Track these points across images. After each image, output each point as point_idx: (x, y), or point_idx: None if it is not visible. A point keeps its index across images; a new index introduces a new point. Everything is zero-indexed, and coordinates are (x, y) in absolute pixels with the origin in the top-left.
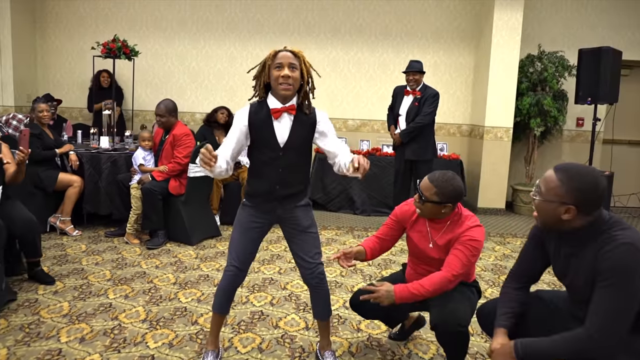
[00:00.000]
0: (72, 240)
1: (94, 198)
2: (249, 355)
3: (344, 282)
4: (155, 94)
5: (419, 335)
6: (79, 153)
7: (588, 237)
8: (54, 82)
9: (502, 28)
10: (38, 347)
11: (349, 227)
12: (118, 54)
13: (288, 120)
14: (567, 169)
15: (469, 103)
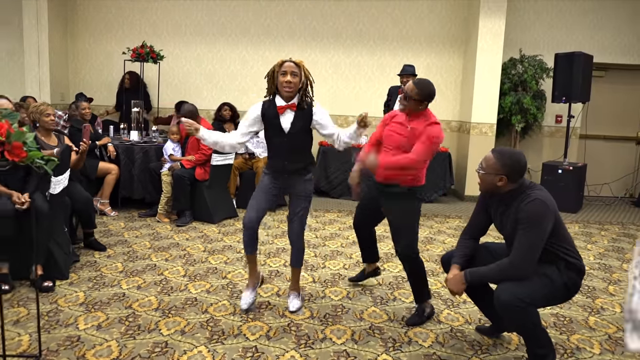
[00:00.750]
0: (111, 220)
1: (129, 184)
2: (257, 342)
3: (347, 274)
4: (175, 93)
5: (403, 286)
6: (115, 145)
7: (513, 197)
8: (83, 82)
9: (487, 34)
10: (106, 292)
11: (349, 211)
12: (146, 58)
13: (291, 114)
14: (500, 151)
15: (458, 101)
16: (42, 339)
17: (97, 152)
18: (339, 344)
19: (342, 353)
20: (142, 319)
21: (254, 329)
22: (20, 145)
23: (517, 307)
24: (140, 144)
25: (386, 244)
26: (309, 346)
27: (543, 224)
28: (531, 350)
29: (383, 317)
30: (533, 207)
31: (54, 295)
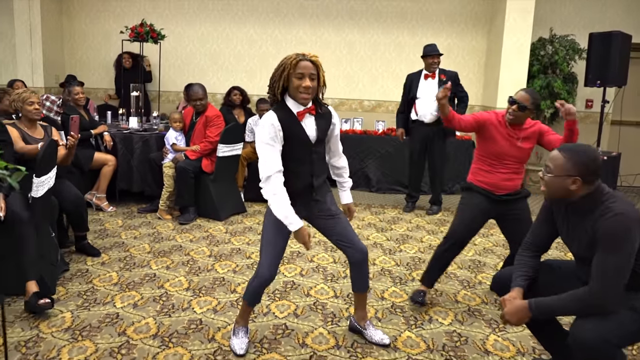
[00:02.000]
0: (108, 216)
1: (127, 176)
2: (286, 319)
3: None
4: (177, 75)
5: (438, 303)
6: (112, 133)
7: (589, 207)
8: (80, 63)
9: (515, 11)
10: (97, 312)
11: (366, 204)
12: (146, 38)
13: (311, 119)
14: (569, 148)
15: (481, 85)
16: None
17: (92, 141)
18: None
19: None
20: (137, 351)
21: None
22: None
23: (601, 349)
24: (140, 132)
25: (401, 225)
26: (335, 324)
27: (630, 244)
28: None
29: (404, 297)
30: (616, 223)
31: (34, 319)
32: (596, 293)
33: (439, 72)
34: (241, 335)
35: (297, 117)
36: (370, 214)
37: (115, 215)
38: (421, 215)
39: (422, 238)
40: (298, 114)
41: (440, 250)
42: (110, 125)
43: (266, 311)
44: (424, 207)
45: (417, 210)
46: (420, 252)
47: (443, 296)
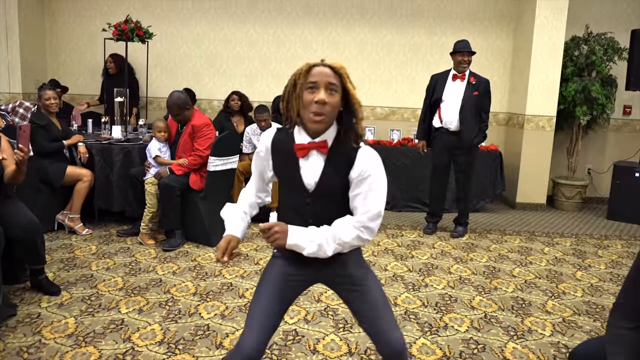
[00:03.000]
0: (81, 240)
1: (106, 193)
2: (297, 325)
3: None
4: (170, 79)
5: (453, 310)
6: (89, 144)
7: None
8: (64, 66)
9: (546, 8)
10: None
11: (382, 225)
12: (131, 37)
13: (319, 159)
14: None
15: (507, 90)
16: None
17: (66, 153)
18: None
19: None
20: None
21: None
22: None
23: None
24: (121, 143)
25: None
26: (347, 330)
27: None
28: None
29: (417, 303)
30: None
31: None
32: None
33: (469, 75)
34: None
35: (294, 152)
36: (387, 236)
37: (90, 239)
38: (445, 238)
39: (450, 268)
40: (296, 148)
41: None
42: (90, 135)
43: None
44: (447, 227)
45: (440, 232)
46: (450, 288)
47: (458, 302)
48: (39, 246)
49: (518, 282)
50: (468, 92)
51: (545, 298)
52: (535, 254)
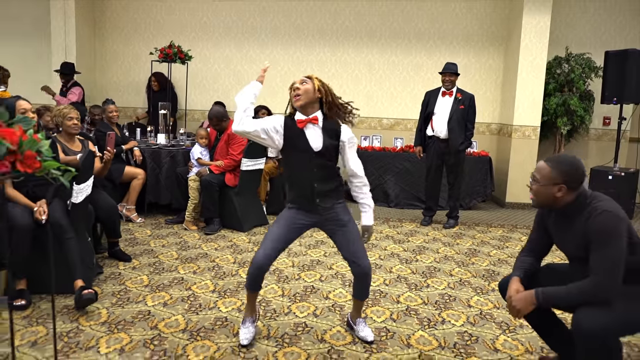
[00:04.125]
0: (137, 227)
1: (155, 189)
2: (306, 319)
3: (383, 264)
4: (203, 94)
5: (451, 307)
6: (142, 149)
7: (577, 210)
8: (111, 83)
9: (531, 31)
10: (130, 309)
11: (385, 218)
12: (174, 59)
13: (316, 129)
14: (554, 158)
15: (498, 103)
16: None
17: (123, 156)
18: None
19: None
20: (168, 342)
21: (302, 309)
22: (33, 155)
23: (601, 337)
24: (168, 148)
25: (418, 238)
26: None
27: (620, 237)
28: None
29: (418, 301)
30: (606, 220)
31: (74, 313)
32: (598, 284)
33: (457, 91)
34: (247, 324)
35: (298, 125)
36: (389, 227)
37: (144, 225)
38: (438, 228)
39: (439, 249)
40: (298, 122)
41: None
42: (139, 141)
43: (287, 311)
44: (442, 221)
45: (435, 224)
46: (436, 262)
47: (440, 272)
48: (117, 224)
49: (492, 260)
50: (455, 106)
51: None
52: (513, 241)
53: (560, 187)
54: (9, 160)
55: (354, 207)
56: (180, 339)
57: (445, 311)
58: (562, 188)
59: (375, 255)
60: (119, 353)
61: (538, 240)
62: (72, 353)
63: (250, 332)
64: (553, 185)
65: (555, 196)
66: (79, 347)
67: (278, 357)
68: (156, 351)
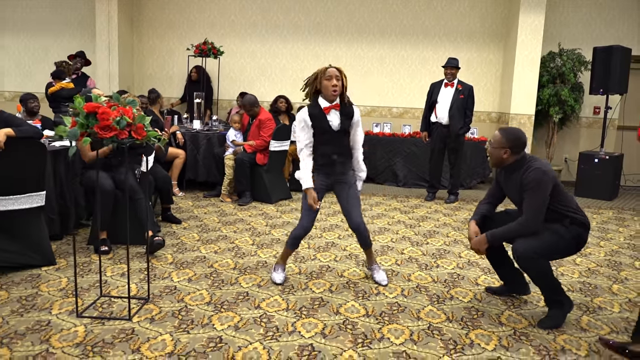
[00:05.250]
0: (179, 199)
1: (194, 167)
2: (322, 294)
3: (395, 246)
4: (231, 85)
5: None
6: (183, 132)
7: (516, 168)
8: (147, 76)
9: (527, 29)
10: (189, 255)
11: (393, 195)
12: (208, 54)
13: (336, 113)
14: (505, 129)
15: (497, 94)
16: (146, 287)
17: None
18: (391, 297)
19: (392, 306)
20: (224, 275)
21: (318, 285)
22: (142, 126)
23: (531, 257)
24: (204, 132)
25: (422, 210)
26: (365, 298)
27: (543, 188)
28: (548, 298)
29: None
30: (534, 174)
31: (144, 257)
32: (526, 221)
33: (457, 83)
34: (279, 271)
35: (324, 112)
36: (396, 202)
37: (185, 198)
38: (440, 203)
39: (439, 219)
40: (324, 109)
41: None
42: (179, 126)
43: (304, 287)
44: (443, 197)
45: (437, 200)
46: (436, 228)
47: (439, 234)
48: (170, 191)
49: None
50: (456, 96)
51: None
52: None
53: (506, 150)
54: (127, 130)
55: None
56: (232, 274)
57: (440, 259)
58: (507, 151)
59: (384, 221)
60: (188, 281)
61: (494, 191)
62: (153, 281)
63: (282, 275)
64: (501, 149)
65: (502, 157)
66: (157, 277)
67: (297, 326)
68: (215, 280)
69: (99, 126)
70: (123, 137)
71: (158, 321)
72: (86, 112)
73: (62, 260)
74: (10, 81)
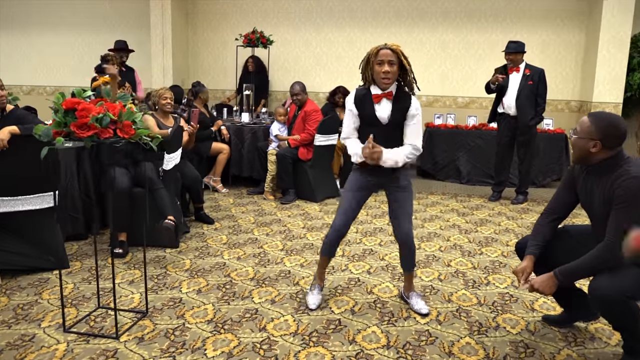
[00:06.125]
0: (221, 196)
1: (239, 162)
2: (341, 315)
3: (442, 256)
4: (285, 76)
5: (499, 272)
6: (227, 126)
7: (608, 169)
8: (202, 68)
9: (614, 5)
10: (209, 260)
11: (454, 194)
12: (256, 43)
13: (387, 104)
14: (596, 114)
15: (578, 79)
16: (149, 298)
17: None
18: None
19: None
20: (237, 287)
21: (340, 304)
22: (129, 123)
23: (618, 301)
24: (250, 125)
25: (483, 212)
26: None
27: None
28: (629, 346)
29: (467, 265)
30: (633, 184)
31: (164, 262)
32: (611, 244)
33: (525, 67)
34: (315, 292)
35: (372, 100)
36: (456, 201)
37: (228, 195)
38: (505, 204)
39: (501, 223)
40: (374, 97)
41: None
42: (225, 120)
43: (323, 305)
44: (511, 197)
45: (503, 200)
46: (495, 234)
47: (497, 242)
48: (200, 191)
49: None
50: (523, 82)
51: None
52: (580, 217)
53: (595, 142)
54: (111, 128)
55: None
56: (248, 285)
57: (492, 275)
58: (597, 144)
59: (437, 225)
60: (196, 292)
61: (562, 199)
62: (160, 291)
63: (318, 298)
64: (589, 140)
65: (589, 151)
66: (166, 286)
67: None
68: (227, 292)
69: (75, 124)
70: (106, 136)
71: (147, 342)
72: (64, 108)
73: (77, 262)
74: (73, 77)
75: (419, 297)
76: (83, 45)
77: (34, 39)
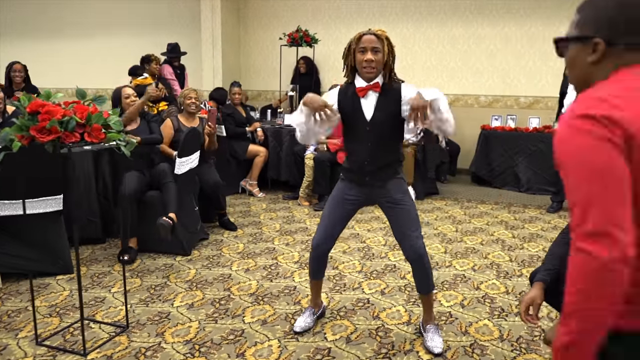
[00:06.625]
0: (256, 201)
1: (276, 166)
2: (333, 343)
3: (473, 276)
4: (336, 76)
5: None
6: (265, 128)
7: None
8: (253, 68)
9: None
10: (215, 272)
11: (507, 203)
12: (300, 42)
13: (373, 97)
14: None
15: None
16: (137, 310)
17: (248, 135)
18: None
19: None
20: (232, 303)
21: (337, 328)
22: (99, 127)
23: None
24: (289, 127)
25: (536, 225)
26: (387, 357)
27: None
28: None
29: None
30: None
31: (169, 270)
32: None
33: None
34: (306, 314)
35: (357, 94)
36: (507, 212)
37: (263, 200)
38: (565, 217)
39: (553, 238)
40: (358, 90)
41: None
42: (267, 121)
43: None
44: None
45: (562, 212)
46: (543, 252)
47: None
48: (219, 198)
49: None
50: None
51: None
52: None
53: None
54: (78, 132)
55: None
56: (244, 302)
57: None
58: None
59: (478, 239)
60: (187, 307)
61: None
62: (151, 303)
63: (306, 322)
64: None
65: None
66: (160, 299)
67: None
68: (219, 309)
69: (35, 128)
70: (71, 140)
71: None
72: (28, 112)
73: (83, 268)
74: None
75: (437, 333)
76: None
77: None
